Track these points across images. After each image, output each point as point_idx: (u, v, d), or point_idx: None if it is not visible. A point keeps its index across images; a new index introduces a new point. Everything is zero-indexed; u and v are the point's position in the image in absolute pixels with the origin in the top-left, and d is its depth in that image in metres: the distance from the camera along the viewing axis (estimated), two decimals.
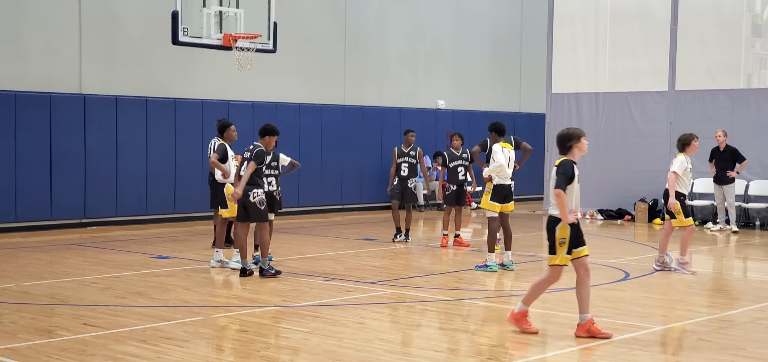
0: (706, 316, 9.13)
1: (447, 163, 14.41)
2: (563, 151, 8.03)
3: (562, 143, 8.03)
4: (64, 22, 16.77)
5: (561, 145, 8.04)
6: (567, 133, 8.07)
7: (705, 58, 19.35)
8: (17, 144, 16.01)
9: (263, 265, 11.00)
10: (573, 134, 8.02)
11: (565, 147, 8.00)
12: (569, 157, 7.99)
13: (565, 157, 8.00)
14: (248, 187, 10.87)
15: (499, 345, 7.93)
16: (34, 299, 9.62)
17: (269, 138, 11.01)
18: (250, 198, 10.87)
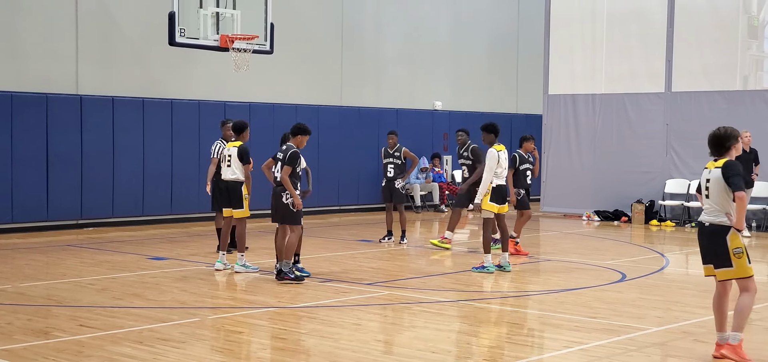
0: (703, 317, 9.13)
1: (517, 166, 13.72)
2: (721, 152, 7.31)
3: (720, 143, 7.31)
4: (61, 22, 16.76)
5: (719, 144, 7.31)
6: (725, 132, 7.34)
7: (701, 59, 19.38)
8: (14, 144, 15.99)
9: (284, 268, 10.82)
10: (732, 134, 7.33)
11: (725, 147, 7.31)
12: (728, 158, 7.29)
13: (726, 158, 7.28)
14: (281, 188, 10.83)
15: (497, 346, 7.93)
16: (30, 300, 9.61)
17: (301, 137, 10.85)
18: (282, 199, 10.83)
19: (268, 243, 14.59)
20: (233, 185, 11.65)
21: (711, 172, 7.31)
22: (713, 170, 7.30)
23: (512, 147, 23.64)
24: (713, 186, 7.26)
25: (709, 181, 7.28)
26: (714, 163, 7.34)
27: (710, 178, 7.28)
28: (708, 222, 7.27)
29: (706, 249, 7.33)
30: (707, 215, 7.29)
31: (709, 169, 7.35)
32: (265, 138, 17.69)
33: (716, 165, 7.30)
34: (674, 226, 18.70)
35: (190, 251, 13.74)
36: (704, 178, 7.34)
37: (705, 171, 7.37)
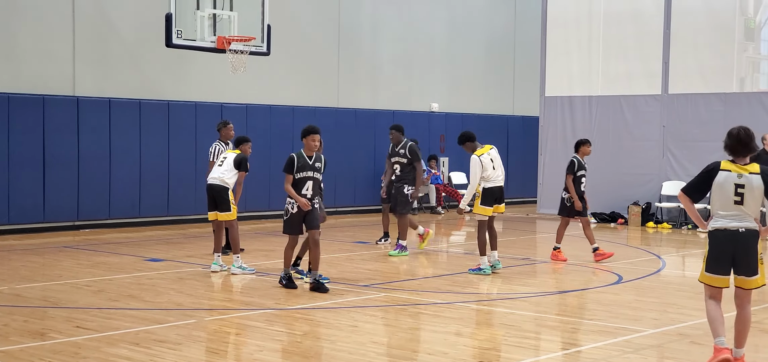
0: (699, 320, 9.14)
1: (575, 171, 13.47)
2: (747, 153, 6.84)
3: (748, 143, 6.80)
4: (57, 24, 16.74)
5: (747, 145, 6.81)
6: (749, 132, 6.85)
7: (698, 61, 19.41)
8: (10, 146, 15.97)
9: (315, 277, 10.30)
10: (753, 134, 6.87)
11: (752, 148, 6.85)
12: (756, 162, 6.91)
13: (754, 162, 6.89)
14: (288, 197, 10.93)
15: (493, 348, 7.94)
16: (26, 302, 9.60)
17: (306, 139, 10.26)
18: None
19: (263, 245, 14.60)
20: (218, 188, 11.66)
21: (745, 177, 6.74)
22: (750, 176, 6.74)
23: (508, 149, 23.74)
24: (751, 191, 6.73)
25: (744, 186, 6.73)
26: (740, 166, 6.78)
27: (745, 184, 6.73)
28: (744, 228, 6.73)
29: (739, 258, 6.77)
30: (740, 221, 6.73)
31: (739, 174, 6.75)
32: (261, 139, 17.68)
33: (751, 170, 6.76)
34: (671, 228, 18.71)
35: (186, 253, 13.73)
36: (732, 184, 6.75)
37: (730, 174, 6.76)
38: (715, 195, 6.83)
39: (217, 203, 11.72)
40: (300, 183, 10.18)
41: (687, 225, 18.75)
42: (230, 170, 11.69)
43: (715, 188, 6.81)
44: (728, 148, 6.90)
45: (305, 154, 10.25)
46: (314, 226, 10.23)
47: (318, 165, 10.37)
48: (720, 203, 6.81)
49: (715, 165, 6.85)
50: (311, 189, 10.24)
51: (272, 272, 11.63)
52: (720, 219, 6.79)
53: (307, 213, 10.17)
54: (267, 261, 12.68)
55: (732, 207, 6.76)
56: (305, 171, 10.20)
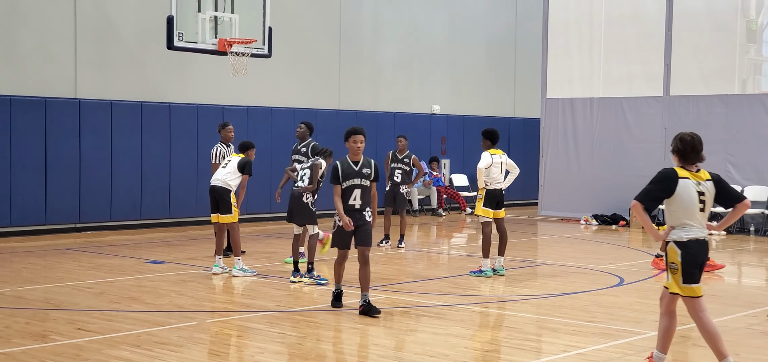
0: None
1: None
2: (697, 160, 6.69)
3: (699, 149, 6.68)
4: (59, 26, 16.76)
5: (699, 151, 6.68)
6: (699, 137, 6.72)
7: (699, 63, 19.41)
8: (12, 148, 15.99)
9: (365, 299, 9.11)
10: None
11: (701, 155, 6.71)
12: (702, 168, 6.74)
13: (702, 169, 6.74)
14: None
15: (494, 350, 7.94)
16: (28, 304, 9.60)
17: (348, 141, 9.23)
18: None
19: (264, 247, 14.61)
20: (220, 190, 11.69)
21: (702, 184, 6.57)
22: (706, 183, 6.59)
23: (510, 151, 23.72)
24: (709, 199, 6.59)
25: (705, 194, 6.55)
26: (694, 174, 6.60)
27: (705, 192, 6.56)
28: (704, 237, 6.58)
29: (701, 267, 6.63)
30: (701, 231, 6.55)
31: (696, 181, 6.56)
32: (263, 142, 17.69)
33: (705, 177, 6.62)
34: None
35: (188, 255, 13.74)
36: (694, 191, 6.51)
37: (689, 182, 6.53)
38: (678, 204, 6.54)
39: (219, 205, 11.74)
40: (347, 193, 9.08)
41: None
42: (234, 173, 11.72)
43: (678, 197, 6.52)
44: (680, 153, 6.66)
45: (350, 160, 9.16)
46: (365, 243, 9.08)
47: (366, 170, 9.13)
48: (687, 213, 6.52)
49: (673, 173, 6.57)
50: (360, 198, 9.08)
51: (273, 274, 11.64)
52: (690, 229, 6.52)
53: (358, 227, 9.07)
54: (268, 264, 12.69)
55: (697, 216, 6.54)
56: (352, 178, 9.07)
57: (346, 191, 9.06)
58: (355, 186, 9.07)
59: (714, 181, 6.62)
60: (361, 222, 9.06)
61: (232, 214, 11.70)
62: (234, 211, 11.72)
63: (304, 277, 11.04)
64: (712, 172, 6.71)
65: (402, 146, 15.08)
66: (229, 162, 11.90)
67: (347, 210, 9.01)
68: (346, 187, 9.05)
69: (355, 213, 9.04)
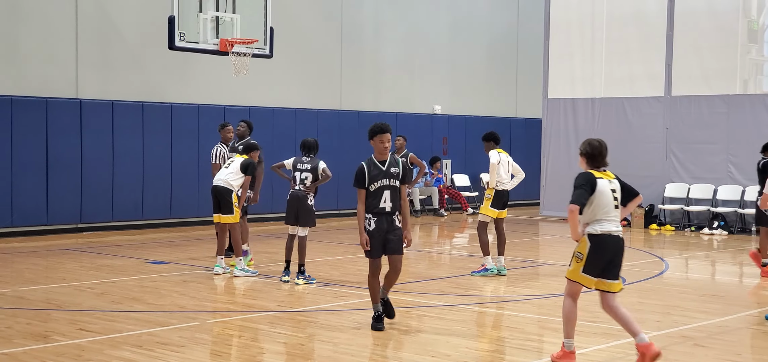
0: (702, 322, 9.14)
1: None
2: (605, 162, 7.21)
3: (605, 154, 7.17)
4: (60, 27, 16.77)
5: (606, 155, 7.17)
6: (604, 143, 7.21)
7: (701, 63, 19.40)
8: (14, 148, 16.00)
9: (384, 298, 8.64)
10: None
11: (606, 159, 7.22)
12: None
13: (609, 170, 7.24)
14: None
15: (496, 350, 7.93)
16: (30, 304, 9.61)
17: (374, 140, 8.43)
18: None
19: (266, 248, 14.60)
20: (222, 191, 11.68)
21: (612, 182, 7.10)
22: (614, 181, 7.12)
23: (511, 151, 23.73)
24: (619, 196, 7.11)
25: (616, 191, 7.08)
26: (605, 173, 7.11)
27: (616, 189, 7.09)
28: (620, 233, 7.10)
29: (614, 262, 7.09)
30: (618, 227, 7.06)
31: (608, 180, 7.07)
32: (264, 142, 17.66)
33: (613, 177, 7.16)
34: (674, 230, 18.70)
35: (189, 255, 13.74)
36: (609, 190, 7.01)
37: (605, 182, 7.03)
38: (597, 202, 6.98)
39: (220, 205, 11.74)
40: (376, 196, 8.18)
41: (690, 228, 18.72)
42: (236, 173, 11.72)
43: (598, 195, 6.98)
44: (589, 157, 7.12)
45: (377, 160, 8.31)
46: (397, 251, 8.27)
47: (394, 170, 8.28)
48: (603, 210, 6.99)
49: (591, 175, 7.04)
50: (390, 200, 8.21)
51: (275, 275, 11.64)
52: (604, 223, 6.99)
53: (389, 233, 8.24)
54: (270, 264, 12.68)
55: (613, 212, 7.04)
56: (379, 180, 8.20)
57: (374, 194, 8.18)
58: (384, 187, 8.21)
59: (618, 180, 7.20)
60: (392, 228, 8.24)
61: (233, 215, 11.70)
62: (235, 212, 11.72)
63: (298, 278, 11.05)
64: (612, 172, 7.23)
65: (399, 145, 15.10)
66: (232, 162, 11.91)
67: (378, 213, 8.18)
68: (374, 190, 8.18)
69: (386, 216, 8.18)
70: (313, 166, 11.22)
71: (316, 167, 11.21)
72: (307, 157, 11.31)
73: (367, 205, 8.18)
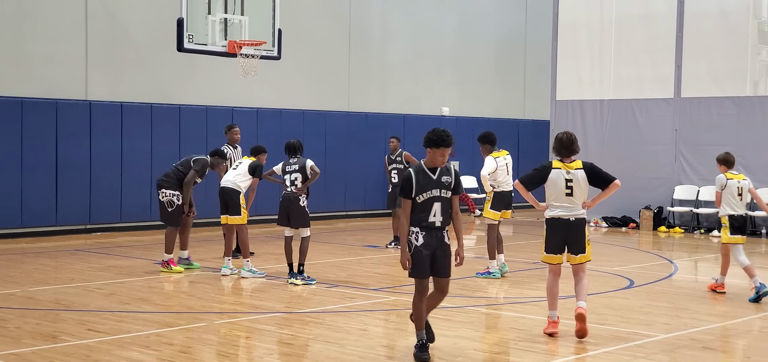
0: (711, 324, 9.11)
1: None
2: (572, 153, 8.30)
3: (572, 145, 8.27)
4: (70, 28, 16.83)
5: (570, 146, 8.28)
6: (573, 136, 8.32)
7: (711, 65, 19.32)
8: (23, 150, 16.06)
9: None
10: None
11: (575, 150, 8.30)
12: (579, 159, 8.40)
13: (578, 159, 8.37)
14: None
15: (503, 352, 7.92)
16: (38, 304, 9.64)
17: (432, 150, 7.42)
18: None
19: (273, 249, 14.61)
20: (230, 192, 11.71)
21: (572, 173, 8.10)
22: (576, 171, 8.11)
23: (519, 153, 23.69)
24: (578, 185, 8.10)
25: (572, 180, 8.09)
26: (567, 165, 8.13)
27: (572, 179, 8.09)
28: (574, 216, 8.16)
29: (568, 240, 8.19)
30: (569, 211, 8.15)
31: (567, 170, 8.10)
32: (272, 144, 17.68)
33: (576, 166, 8.13)
34: (683, 233, 18.64)
35: (197, 256, 13.75)
36: (563, 179, 8.08)
37: (560, 172, 8.10)
38: (549, 189, 8.17)
39: (228, 206, 11.76)
40: (424, 209, 7.27)
41: (699, 230, 18.66)
42: (244, 175, 11.76)
43: (549, 184, 8.15)
44: (555, 150, 8.28)
45: (427, 167, 7.39)
46: (445, 272, 7.44)
47: (446, 179, 7.36)
48: (554, 196, 8.16)
49: (548, 164, 8.23)
50: (440, 213, 7.30)
51: (281, 276, 11.64)
52: (555, 209, 8.19)
53: (437, 250, 7.36)
54: (277, 265, 12.69)
55: (564, 199, 8.13)
56: (428, 190, 7.27)
57: (422, 206, 7.24)
58: (434, 198, 7.27)
59: (585, 169, 8.17)
60: (442, 244, 7.35)
61: (241, 216, 11.72)
62: (243, 213, 11.73)
63: (297, 279, 11.06)
64: (585, 162, 8.24)
65: (393, 146, 15.19)
66: (240, 164, 11.96)
67: (426, 228, 7.28)
68: (422, 201, 7.25)
69: (435, 232, 7.30)
70: (300, 166, 11.20)
71: (304, 166, 11.19)
72: (294, 159, 11.29)
73: (414, 219, 7.26)
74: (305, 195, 11.21)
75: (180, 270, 11.99)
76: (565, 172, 8.12)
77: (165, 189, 12.06)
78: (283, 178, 11.28)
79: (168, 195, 12.02)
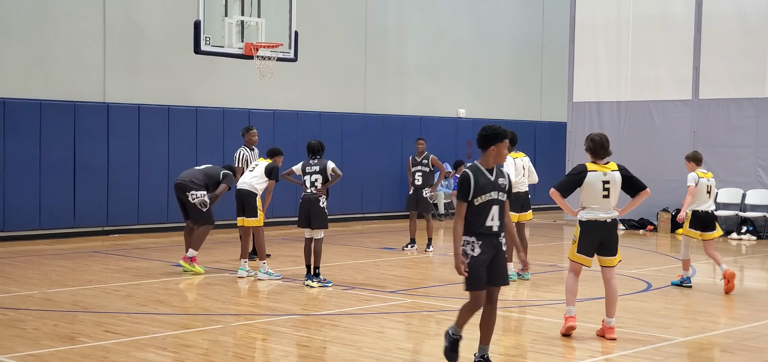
0: (729, 328, 9.05)
1: None
2: (606, 154, 8.35)
3: (607, 146, 8.33)
4: (88, 31, 16.93)
5: (606, 147, 8.33)
6: (606, 137, 8.37)
7: (729, 66, 19.18)
8: (42, 151, 16.17)
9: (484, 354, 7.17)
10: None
11: (609, 150, 8.39)
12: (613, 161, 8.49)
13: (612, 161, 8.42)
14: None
15: (519, 355, 7.90)
16: (57, 306, 9.70)
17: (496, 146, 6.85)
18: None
19: (290, 251, 14.64)
20: (247, 194, 11.75)
21: (608, 174, 8.18)
22: (612, 173, 8.20)
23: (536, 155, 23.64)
24: (614, 186, 8.20)
25: (610, 182, 8.17)
26: (603, 166, 8.21)
27: (610, 180, 8.17)
28: (609, 218, 8.23)
29: (603, 242, 8.25)
30: (606, 212, 8.20)
31: (602, 172, 8.17)
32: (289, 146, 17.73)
33: (612, 168, 8.23)
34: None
35: (213, 258, 13.80)
36: (600, 181, 8.14)
37: (597, 174, 8.16)
38: (586, 192, 8.20)
39: (244, 208, 11.80)
40: (481, 213, 6.72)
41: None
42: (260, 177, 11.80)
43: (586, 187, 8.19)
44: (591, 151, 8.30)
45: (484, 168, 6.84)
46: (504, 280, 6.87)
47: (502, 181, 6.83)
48: (590, 198, 8.19)
49: (583, 167, 8.24)
50: (498, 218, 6.77)
51: (298, 278, 11.66)
52: (591, 211, 8.21)
53: (495, 257, 6.80)
54: (293, 267, 12.72)
55: (601, 201, 8.19)
56: (488, 192, 6.74)
57: (479, 210, 6.70)
58: (492, 202, 6.73)
59: (620, 172, 8.27)
60: (499, 251, 6.80)
61: (257, 218, 11.75)
62: (260, 215, 11.76)
63: (313, 281, 11.07)
64: (619, 164, 8.33)
65: (421, 149, 15.12)
66: (257, 166, 11.99)
67: (483, 234, 6.72)
68: (479, 204, 6.70)
69: (492, 238, 6.74)
70: (321, 167, 11.20)
71: (325, 168, 11.19)
72: (315, 160, 11.29)
73: (469, 225, 6.66)
74: (325, 196, 11.22)
75: (201, 270, 12.04)
76: (601, 174, 8.18)
77: (195, 191, 12.17)
78: (303, 178, 11.30)
79: (199, 196, 12.15)
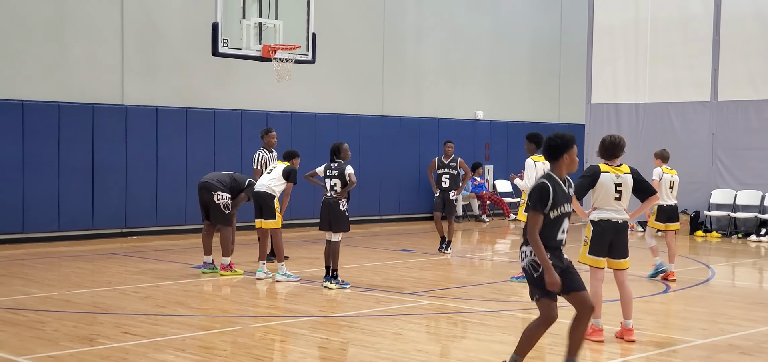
0: (749, 330, 8.97)
1: None
2: (618, 156, 8.43)
3: (620, 148, 8.45)
4: (106, 34, 17.02)
5: (620, 148, 8.46)
6: (621, 139, 8.53)
7: (748, 68, 19.06)
8: (61, 154, 16.27)
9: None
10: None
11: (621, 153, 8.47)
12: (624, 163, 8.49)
13: (622, 163, 8.50)
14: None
15: (538, 357, 7.86)
16: (76, 307, 9.75)
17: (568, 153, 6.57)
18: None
19: (308, 253, 14.66)
20: (264, 196, 11.77)
21: (621, 177, 8.23)
22: (624, 176, 8.24)
23: None
24: (626, 188, 8.23)
25: (622, 184, 8.20)
26: (615, 168, 8.26)
27: (622, 183, 8.21)
28: (621, 219, 8.22)
29: (613, 243, 8.20)
30: (619, 214, 8.20)
31: (616, 174, 8.21)
32: (306, 148, 17.76)
33: (624, 171, 8.27)
34: (720, 237, 18.39)
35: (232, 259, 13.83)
36: (612, 183, 8.16)
37: (609, 176, 8.18)
38: (598, 193, 8.21)
39: (262, 210, 11.82)
40: (554, 226, 6.40)
41: (737, 235, 18.41)
42: (278, 179, 11.82)
43: (599, 187, 8.19)
44: (604, 152, 8.38)
45: (558, 177, 6.45)
46: (581, 285, 6.50)
47: (571, 191, 6.61)
48: (602, 199, 8.20)
49: (596, 168, 8.26)
50: (566, 231, 6.54)
51: (316, 280, 11.66)
52: (603, 211, 8.20)
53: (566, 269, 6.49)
54: (311, 269, 12.73)
55: (612, 202, 8.19)
56: (561, 205, 6.39)
57: (553, 223, 6.35)
58: (564, 215, 6.42)
59: (632, 175, 8.32)
60: (568, 264, 6.54)
61: (275, 220, 11.77)
62: (278, 217, 11.78)
63: (331, 282, 11.08)
64: (631, 167, 8.37)
65: (449, 151, 15.09)
66: (275, 168, 12.01)
67: (553, 248, 6.40)
68: (554, 217, 6.34)
69: (560, 252, 6.50)
70: (340, 171, 11.20)
71: (343, 172, 11.18)
72: (335, 163, 11.28)
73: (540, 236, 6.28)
74: (346, 199, 11.24)
75: (240, 272, 12.09)
76: (614, 176, 8.21)
77: (220, 192, 12.23)
78: (324, 181, 11.33)
79: (224, 198, 12.21)
